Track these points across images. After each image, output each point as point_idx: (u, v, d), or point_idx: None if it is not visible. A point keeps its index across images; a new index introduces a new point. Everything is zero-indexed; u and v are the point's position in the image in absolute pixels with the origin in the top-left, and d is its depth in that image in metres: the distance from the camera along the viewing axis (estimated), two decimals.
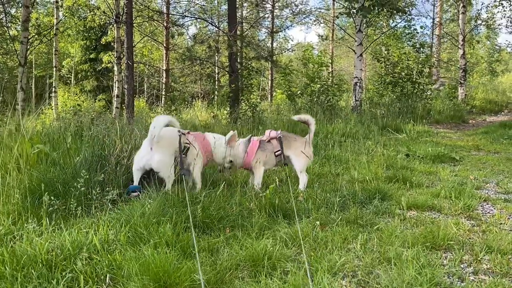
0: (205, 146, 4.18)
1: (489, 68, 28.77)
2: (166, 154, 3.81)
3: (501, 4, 13.98)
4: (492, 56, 29.50)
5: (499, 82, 22.04)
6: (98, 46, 26.32)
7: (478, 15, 16.86)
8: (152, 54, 23.15)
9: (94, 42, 26.96)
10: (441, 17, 21.91)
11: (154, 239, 2.64)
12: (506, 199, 4.10)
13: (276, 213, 3.40)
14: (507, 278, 2.39)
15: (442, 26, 21.99)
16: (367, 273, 2.39)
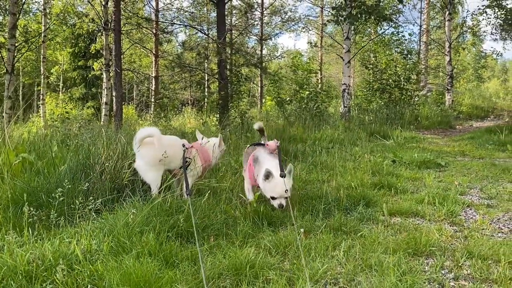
0: (206, 156, 4.19)
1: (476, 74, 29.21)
2: (145, 160, 3.81)
3: (485, 12, 14.22)
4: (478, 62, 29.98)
5: (485, 88, 22.38)
6: (87, 53, 26.25)
7: (464, 22, 17.13)
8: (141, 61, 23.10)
9: (82, 50, 26.86)
10: (428, 24, 22.22)
11: (136, 248, 2.63)
12: (489, 205, 4.15)
13: (261, 221, 3.41)
14: (486, 283, 2.42)
15: (429, 33, 22.29)
16: (348, 281, 2.40)
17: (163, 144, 3.90)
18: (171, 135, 4.55)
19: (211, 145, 4.32)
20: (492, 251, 2.79)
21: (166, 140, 4.04)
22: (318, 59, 24.28)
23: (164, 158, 3.80)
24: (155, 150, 3.81)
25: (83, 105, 26.00)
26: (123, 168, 3.95)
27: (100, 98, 19.04)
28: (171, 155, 3.86)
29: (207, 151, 4.22)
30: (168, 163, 3.91)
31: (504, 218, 3.73)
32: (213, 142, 4.37)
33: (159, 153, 3.81)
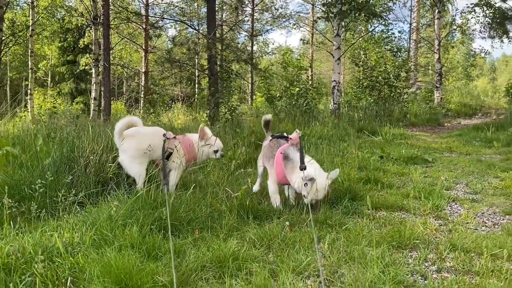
0: (190, 150, 4.13)
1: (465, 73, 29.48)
2: (129, 153, 3.79)
3: (474, 10, 14.34)
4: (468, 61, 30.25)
5: (473, 86, 22.60)
6: (76, 48, 25.96)
7: (453, 21, 17.26)
8: (131, 56, 22.90)
9: (71, 44, 26.56)
10: (418, 22, 22.34)
11: (119, 241, 2.60)
12: (474, 199, 4.19)
13: (247, 215, 3.39)
14: (469, 275, 2.43)
15: (419, 31, 22.42)
16: (332, 273, 2.40)
17: (146, 134, 3.89)
18: (153, 126, 4.51)
19: (195, 138, 4.22)
20: (475, 244, 2.81)
21: (148, 130, 4.04)
22: (309, 56, 24.32)
23: (148, 151, 3.78)
24: (138, 142, 3.79)
25: (72, 100, 25.75)
26: (108, 162, 3.91)
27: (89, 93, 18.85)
28: (153, 144, 3.84)
29: (192, 143, 4.14)
30: (151, 153, 3.87)
31: (488, 212, 3.77)
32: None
33: (142, 145, 3.78)
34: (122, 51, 21.24)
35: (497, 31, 12.56)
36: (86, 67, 21.32)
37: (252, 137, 6.78)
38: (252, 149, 6.25)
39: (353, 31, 18.57)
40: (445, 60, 21.47)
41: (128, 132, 3.86)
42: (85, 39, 20.53)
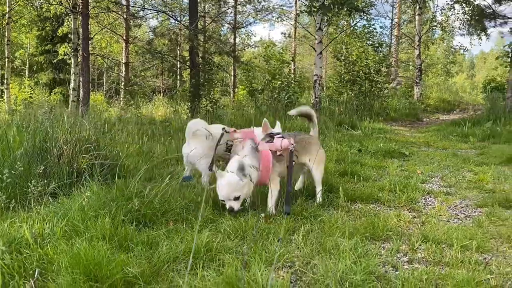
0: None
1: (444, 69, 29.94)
2: (200, 150, 3.83)
3: (453, 7, 14.55)
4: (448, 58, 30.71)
5: (452, 83, 22.97)
6: (55, 37, 25.35)
7: (434, 17, 17.48)
8: (111, 46, 22.50)
9: (50, 33, 25.91)
10: (400, 18, 22.55)
11: (90, 232, 2.55)
12: (448, 192, 4.26)
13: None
14: (439, 266, 2.47)
15: (400, 27, 22.64)
16: (305, 264, 2.41)
17: (214, 134, 3.89)
18: (216, 124, 4.44)
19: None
20: (447, 236, 2.85)
21: (214, 129, 3.99)
22: (292, 50, 24.31)
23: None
24: (209, 141, 3.85)
25: (50, 91, 25.18)
26: (82, 152, 3.84)
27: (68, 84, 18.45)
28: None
29: (254, 137, 3.81)
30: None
31: (461, 205, 3.84)
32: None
33: (212, 143, 3.83)
34: (101, 41, 20.82)
35: (475, 28, 12.76)
36: (65, 56, 20.85)
37: None
38: None
39: (336, 26, 18.61)
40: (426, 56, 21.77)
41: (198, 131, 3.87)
42: (64, 28, 20.08)
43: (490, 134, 8.25)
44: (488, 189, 4.32)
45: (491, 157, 6.12)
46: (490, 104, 11.85)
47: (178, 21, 16.23)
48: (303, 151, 3.64)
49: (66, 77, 24.12)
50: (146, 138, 6.14)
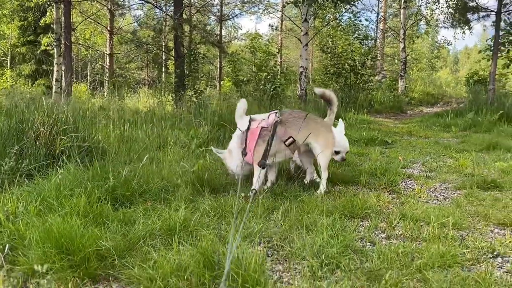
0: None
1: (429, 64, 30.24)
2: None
3: (438, 1, 14.67)
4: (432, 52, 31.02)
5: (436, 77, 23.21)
6: (37, 28, 24.85)
7: (418, 11, 17.61)
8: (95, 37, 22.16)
9: (32, 24, 25.39)
10: (386, 12, 22.66)
11: (64, 209, 2.50)
12: (428, 176, 4.30)
13: (203, 188, 3.34)
14: (416, 241, 2.48)
15: (386, 21, 22.75)
16: (283, 239, 2.39)
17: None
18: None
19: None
20: (425, 214, 2.87)
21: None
22: (278, 42, 24.26)
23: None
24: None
25: (33, 82, 24.72)
26: (59, 134, 3.76)
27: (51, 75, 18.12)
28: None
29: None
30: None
31: (441, 188, 3.87)
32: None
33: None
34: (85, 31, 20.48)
35: (459, 21, 12.88)
36: (48, 47, 20.47)
37: (215, 117, 6.69)
38: (215, 129, 6.18)
39: (322, 19, 18.62)
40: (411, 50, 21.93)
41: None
42: (47, 19, 19.69)
43: (472, 124, 8.36)
44: (468, 173, 4.37)
45: (471, 144, 6.19)
46: (473, 96, 11.99)
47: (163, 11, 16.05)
48: (306, 130, 3.46)
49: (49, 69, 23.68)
50: (128, 125, 6.05)
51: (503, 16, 11.39)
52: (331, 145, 3.58)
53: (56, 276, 1.89)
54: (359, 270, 2.00)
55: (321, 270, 2.00)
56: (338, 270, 2.02)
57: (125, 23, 21.58)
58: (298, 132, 3.44)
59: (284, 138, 3.39)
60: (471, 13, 11.76)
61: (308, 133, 3.47)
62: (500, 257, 2.28)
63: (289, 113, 3.54)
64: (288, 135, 3.41)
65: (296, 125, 3.45)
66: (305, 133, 3.46)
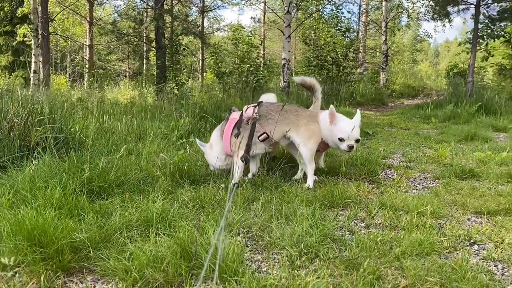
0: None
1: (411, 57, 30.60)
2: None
3: None
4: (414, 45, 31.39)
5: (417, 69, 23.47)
6: (14, 18, 24.18)
7: (400, 3, 17.74)
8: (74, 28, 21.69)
9: (9, 14, 24.70)
10: (368, 4, 22.76)
11: (38, 201, 2.43)
12: (408, 166, 4.34)
13: (183, 179, 3.30)
14: (395, 230, 2.49)
15: (368, 14, 22.87)
16: (262, 229, 2.38)
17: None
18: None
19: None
20: (404, 203, 2.89)
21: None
22: (261, 34, 24.15)
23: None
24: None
25: (10, 74, 24.10)
26: (34, 126, 3.65)
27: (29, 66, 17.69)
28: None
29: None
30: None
31: (420, 178, 3.91)
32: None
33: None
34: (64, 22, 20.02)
35: (439, 14, 13.01)
36: (25, 38, 19.95)
37: (197, 109, 6.62)
38: (196, 120, 6.12)
39: (305, 11, 18.59)
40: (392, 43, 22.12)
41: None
42: (24, 9, 19.19)
43: (451, 115, 8.48)
44: (446, 163, 4.42)
45: (450, 135, 6.28)
46: (453, 88, 12.17)
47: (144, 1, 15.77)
48: (284, 122, 3.39)
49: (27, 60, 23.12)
50: (107, 116, 5.94)
51: (482, 10, 11.55)
52: (316, 136, 3.48)
53: (28, 269, 1.84)
54: (338, 258, 1.99)
55: (299, 259, 1.99)
56: (317, 259, 2.02)
57: (105, 13, 21.17)
58: (274, 126, 3.36)
59: (258, 133, 3.34)
60: (451, 6, 11.89)
61: (285, 128, 3.40)
62: (476, 244, 2.31)
63: (267, 105, 3.49)
64: (262, 130, 3.35)
65: (273, 119, 3.38)
66: (283, 128, 3.40)
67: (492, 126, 7.06)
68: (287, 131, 3.41)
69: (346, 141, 3.49)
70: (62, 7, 18.22)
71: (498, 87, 12.72)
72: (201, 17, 19.35)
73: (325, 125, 3.58)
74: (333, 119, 3.56)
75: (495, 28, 12.78)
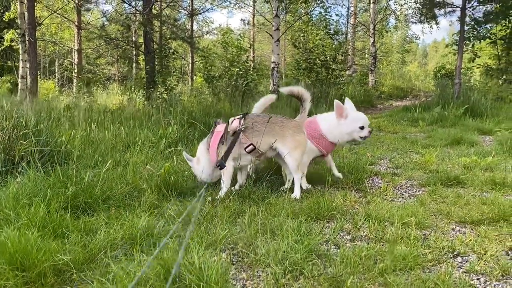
0: (314, 134, 3.72)
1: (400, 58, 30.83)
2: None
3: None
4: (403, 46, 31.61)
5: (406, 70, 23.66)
6: (1, 23, 23.94)
7: (387, 6, 17.88)
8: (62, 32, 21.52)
9: None
10: (356, 6, 22.89)
11: (22, 220, 2.41)
12: (395, 173, 4.37)
13: (170, 192, 3.29)
14: (380, 243, 2.51)
15: (357, 16, 23.00)
16: (248, 245, 2.38)
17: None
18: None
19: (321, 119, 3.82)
20: (389, 214, 2.91)
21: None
22: (251, 37, 24.16)
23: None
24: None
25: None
26: (19, 139, 3.62)
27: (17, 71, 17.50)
28: None
29: (316, 127, 3.75)
30: None
31: (406, 185, 3.94)
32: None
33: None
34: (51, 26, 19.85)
35: (426, 17, 13.14)
36: (12, 43, 19.75)
37: (185, 115, 6.61)
38: (184, 128, 6.10)
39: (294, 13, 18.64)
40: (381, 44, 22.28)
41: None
42: (11, 13, 18.98)
43: (438, 118, 8.55)
44: (432, 169, 4.46)
45: (437, 139, 6.34)
46: (440, 90, 12.28)
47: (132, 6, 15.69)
48: (270, 133, 3.40)
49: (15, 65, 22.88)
50: (95, 125, 5.90)
51: (468, 12, 11.69)
52: (302, 146, 3.49)
53: None
54: (322, 276, 2.00)
55: (284, 277, 2.00)
56: (301, 277, 2.02)
57: (93, 17, 21.03)
58: (261, 138, 3.38)
59: (245, 145, 3.36)
60: (438, 9, 12.01)
61: (271, 139, 3.41)
62: (460, 256, 2.33)
63: (252, 117, 3.50)
64: (249, 142, 3.37)
65: (259, 131, 3.40)
66: (269, 139, 3.41)
67: (478, 129, 7.14)
68: (273, 142, 3.42)
69: (366, 127, 3.70)
70: (50, 12, 18.07)
71: (484, 88, 12.87)
72: (190, 21, 19.30)
73: (332, 123, 3.71)
74: (343, 112, 3.68)
75: (481, 30, 12.95)
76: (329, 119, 3.78)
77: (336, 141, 3.78)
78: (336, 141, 3.78)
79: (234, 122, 3.42)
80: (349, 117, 3.69)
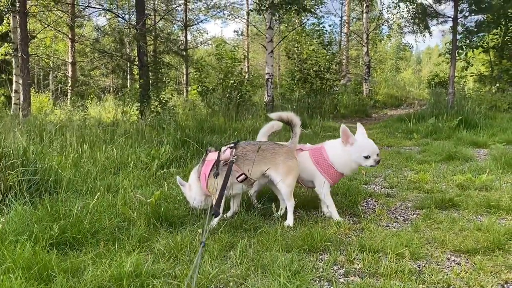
0: (323, 163, 3.58)
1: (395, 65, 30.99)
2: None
3: (399, 6, 15.02)
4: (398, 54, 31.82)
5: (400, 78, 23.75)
6: None
7: (380, 15, 17.97)
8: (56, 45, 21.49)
9: None
10: (349, 15, 23.03)
11: (6, 262, 2.34)
12: (389, 194, 4.33)
13: (161, 222, 3.24)
14: (374, 277, 2.47)
15: (350, 25, 23.12)
16: (239, 284, 2.33)
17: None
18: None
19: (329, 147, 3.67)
20: (383, 244, 2.86)
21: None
22: (245, 47, 24.24)
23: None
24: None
25: None
26: (7, 169, 3.56)
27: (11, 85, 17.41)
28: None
29: (324, 156, 3.62)
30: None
31: (401, 208, 3.90)
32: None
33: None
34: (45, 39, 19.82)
35: (419, 26, 13.20)
36: (6, 57, 19.68)
37: (178, 134, 6.55)
38: (178, 147, 6.06)
39: (287, 24, 18.70)
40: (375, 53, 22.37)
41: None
42: (3, 27, 18.93)
43: (433, 130, 8.55)
44: (427, 189, 4.44)
45: (432, 154, 6.31)
46: (434, 99, 12.31)
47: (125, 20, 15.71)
48: (262, 161, 3.37)
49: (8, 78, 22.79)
50: (87, 146, 5.83)
51: (460, 22, 11.75)
52: (294, 171, 3.44)
53: None
54: None
55: None
56: None
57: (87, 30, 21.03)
58: (252, 166, 3.33)
59: (236, 174, 3.32)
60: (430, 19, 12.07)
61: (263, 167, 3.37)
62: None
63: (243, 146, 3.46)
64: (241, 171, 3.33)
65: (250, 159, 3.35)
66: (261, 167, 3.38)
67: (473, 142, 7.12)
68: (266, 170, 3.38)
69: (372, 157, 3.48)
70: (44, 25, 18.03)
71: (478, 97, 12.91)
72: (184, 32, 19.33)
73: (338, 151, 3.57)
74: (349, 139, 3.53)
75: (474, 39, 13.03)
76: (335, 146, 3.64)
77: (344, 171, 3.62)
78: (344, 171, 3.62)
79: (226, 152, 3.38)
80: (355, 144, 3.52)
